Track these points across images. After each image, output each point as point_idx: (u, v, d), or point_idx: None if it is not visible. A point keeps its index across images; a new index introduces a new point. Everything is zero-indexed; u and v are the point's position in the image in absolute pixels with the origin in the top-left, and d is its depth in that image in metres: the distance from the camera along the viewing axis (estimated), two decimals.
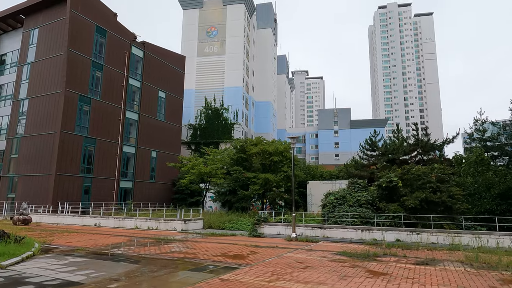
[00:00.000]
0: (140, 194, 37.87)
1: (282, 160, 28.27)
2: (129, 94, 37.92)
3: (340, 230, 16.36)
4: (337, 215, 17.74)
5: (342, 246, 13.85)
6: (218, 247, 13.06)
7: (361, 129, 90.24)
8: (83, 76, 32.89)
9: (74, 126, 31.62)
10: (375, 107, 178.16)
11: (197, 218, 21.76)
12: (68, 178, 30.64)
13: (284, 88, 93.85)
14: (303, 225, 17.39)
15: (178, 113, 45.53)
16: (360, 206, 17.98)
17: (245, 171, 29.47)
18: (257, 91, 68.23)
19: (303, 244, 14.54)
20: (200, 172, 30.55)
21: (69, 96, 31.23)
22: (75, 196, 30.97)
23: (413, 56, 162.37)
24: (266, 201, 31.16)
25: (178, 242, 14.52)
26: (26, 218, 22.98)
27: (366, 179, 21.09)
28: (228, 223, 21.88)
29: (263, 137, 30.69)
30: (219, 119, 55.79)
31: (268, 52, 71.65)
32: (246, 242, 14.61)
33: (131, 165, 37.85)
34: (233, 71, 57.62)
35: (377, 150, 33.51)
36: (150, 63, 41.06)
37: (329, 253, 11.80)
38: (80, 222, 24.30)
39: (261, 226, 18.11)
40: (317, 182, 32.16)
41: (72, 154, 31.24)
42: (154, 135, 40.58)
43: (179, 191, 39.46)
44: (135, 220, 21.93)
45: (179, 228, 20.16)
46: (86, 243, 13.77)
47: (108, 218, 23.27)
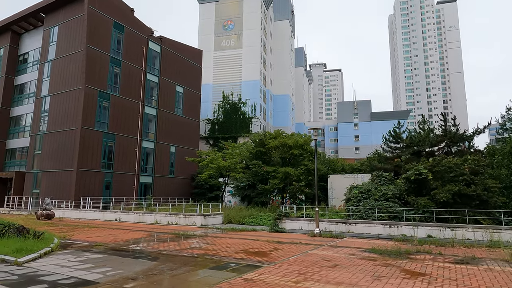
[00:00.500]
0: (159, 189, 37.98)
1: (302, 154, 27.51)
2: (147, 89, 37.91)
3: (366, 225, 15.56)
4: (362, 209, 16.91)
5: (369, 242, 13.08)
6: (239, 243, 12.57)
7: (382, 122, 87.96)
8: (102, 72, 33.02)
9: (94, 122, 31.84)
10: (396, 99, 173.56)
11: (217, 213, 21.40)
12: (89, 174, 30.95)
13: (302, 81, 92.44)
14: (327, 220, 16.67)
15: (196, 108, 45.34)
16: (386, 200, 17.08)
17: (264, 165, 28.90)
18: (274, 84, 67.33)
19: (328, 240, 13.86)
20: (219, 167, 30.19)
21: (88, 92, 31.43)
22: (97, 191, 31.27)
23: (436, 45, 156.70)
24: (286, 195, 30.52)
25: (198, 238, 14.13)
26: (49, 213, 23.26)
27: (392, 172, 20.10)
28: (248, 218, 21.40)
29: (282, 130, 29.99)
30: (237, 113, 55.34)
31: (285, 45, 70.47)
32: (267, 238, 14.06)
33: (151, 160, 37.96)
34: (250, 65, 56.92)
35: (401, 142, 32.21)
36: (167, 58, 40.91)
37: (357, 250, 11.08)
38: (101, 217, 24.42)
39: (282, 221, 17.52)
40: (339, 176, 31.22)
41: (93, 150, 31.50)
42: (172, 130, 40.54)
43: (198, 186, 39.34)
44: (154, 215, 21.79)
45: (198, 223, 19.84)
46: (105, 238, 13.58)
47: (128, 213, 23.25)
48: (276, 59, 68.48)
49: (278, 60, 68.72)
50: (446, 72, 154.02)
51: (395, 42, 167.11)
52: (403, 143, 31.96)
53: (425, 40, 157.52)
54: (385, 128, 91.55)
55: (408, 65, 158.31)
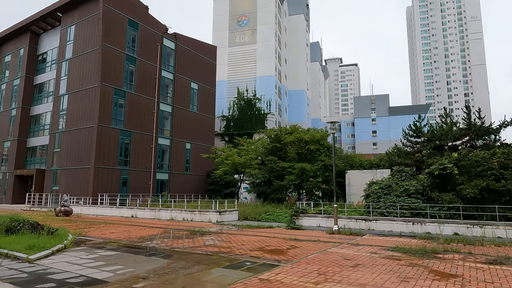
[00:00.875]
0: (175, 185, 38.05)
1: (319, 149, 26.85)
2: (162, 86, 37.96)
3: (387, 222, 14.87)
4: (383, 206, 16.21)
5: (392, 240, 12.44)
6: (255, 240, 12.17)
7: (400, 116, 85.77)
8: (118, 70, 33.19)
9: (110, 120, 32.07)
10: (414, 93, 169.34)
11: (232, 210, 21.09)
12: (107, 171, 31.22)
13: (317, 76, 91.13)
14: (345, 217, 16.07)
15: (211, 104, 45.19)
16: (408, 196, 16.32)
17: (280, 161, 28.39)
18: (290, 79, 66.51)
19: (347, 237, 13.29)
20: (234, 163, 29.89)
21: (104, 90, 31.65)
22: (114, 188, 31.53)
23: (457, 37, 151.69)
24: (303, 191, 29.95)
25: (213, 235, 13.82)
26: (67, 210, 23.51)
27: (413, 167, 19.26)
28: (264, 214, 21.00)
29: (298, 125, 29.39)
30: (252, 109, 54.92)
31: (301, 39, 69.45)
32: (284, 235, 13.61)
33: (167, 157, 38.05)
34: (265, 60, 56.33)
35: (422, 136, 31.07)
36: (182, 54, 40.84)
37: (379, 249, 10.49)
38: (117, 213, 24.53)
39: (299, 218, 17.03)
40: (356, 172, 30.40)
41: (110, 147, 31.76)
42: (187, 127, 40.51)
43: (214, 183, 39.21)
44: (170, 211, 21.67)
45: (214, 220, 19.58)
46: (120, 235, 13.44)
47: (144, 209, 23.24)
48: (291, 54, 67.58)
49: (293, 55, 67.81)
50: (467, 64, 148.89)
51: (414, 35, 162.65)
52: (424, 137, 30.81)
53: (445, 31, 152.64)
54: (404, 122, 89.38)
55: (427, 58, 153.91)
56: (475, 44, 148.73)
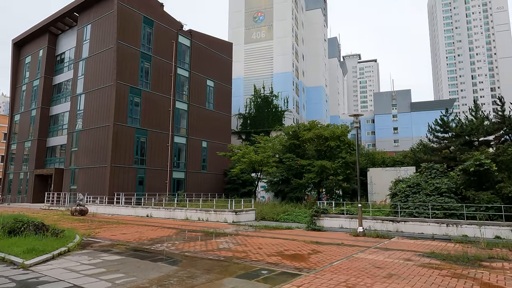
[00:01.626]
0: (192, 184, 37.52)
1: (339, 145, 25.57)
2: (178, 84, 37.47)
3: (417, 223, 13.58)
4: (412, 205, 14.90)
5: (424, 244, 11.20)
6: (273, 243, 11.21)
7: (423, 112, 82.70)
8: (133, 68, 32.88)
9: (126, 118, 31.79)
10: (436, 88, 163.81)
11: (249, 209, 20.19)
12: (123, 170, 30.96)
13: (336, 72, 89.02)
14: (371, 218, 14.86)
15: (227, 102, 44.43)
16: (440, 195, 14.94)
17: (298, 159, 27.28)
18: (307, 76, 65.02)
19: (374, 240, 12.13)
20: (251, 161, 28.99)
21: (120, 88, 31.39)
22: (130, 187, 31.25)
23: (482, 29, 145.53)
24: (322, 190, 28.74)
25: (228, 237, 12.94)
26: (83, 209, 23.24)
27: (444, 164, 17.77)
28: (282, 214, 19.99)
29: (317, 121, 28.17)
30: (269, 107, 53.86)
31: (318, 34, 67.77)
32: (304, 238, 12.58)
33: (183, 156, 37.58)
34: (282, 56, 55.12)
35: (450, 131, 29.23)
36: (197, 51, 40.25)
37: (412, 254, 9.32)
38: (133, 212, 24.09)
39: (320, 218, 15.93)
40: (379, 170, 28.93)
41: (126, 146, 31.48)
42: (204, 125, 39.91)
43: (231, 181, 38.45)
44: (185, 211, 20.99)
45: (230, 220, 18.73)
46: (131, 236, 12.77)
47: (159, 209, 22.68)
48: (309, 50, 66.05)
49: (310, 50, 66.25)
50: (493, 57, 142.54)
51: (436, 28, 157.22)
52: (452, 132, 28.99)
53: (469, 24, 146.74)
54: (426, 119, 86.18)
55: (450, 51, 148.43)
56: (501, 36, 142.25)
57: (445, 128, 29.28)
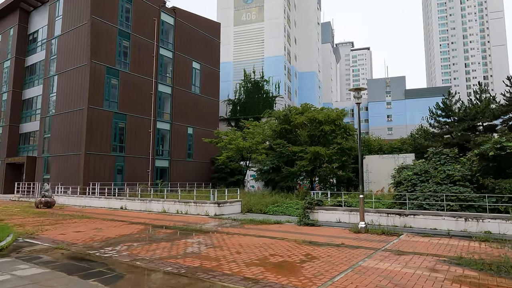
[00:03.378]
0: (177, 173, 35.13)
1: (334, 130, 23.37)
2: (160, 65, 34.67)
3: (430, 217, 11.50)
4: (421, 196, 12.80)
5: (443, 244, 9.11)
6: (257, 244, 9.00)
7: (417, 99, 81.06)
8: (110, 46, 30.00)
9: (102, 101, 29.07)
10: (430, 77, 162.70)
11: (234, 201, 17.96)
12: (99, 157, 28.39)
13: (329, 58, 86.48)
14: (373, 211, 12.73)
15: (214, 86, 41.75)
16: (453, 183, 12.87)
17: (290, 145, 25.03)
18: (300, 60, 62.43)
19: (379, 239, 10.01)
20: (238, 148, 26.67)
21: (95, 68, 28.57)
22: (108, 177, 28.76)
23: (476, 16, 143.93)
24: (316, 179, 26.65)
25: (204, 235, 10.69)
26: (49, 201, 20.76)
27: (456, 148, 15.69)
28: (271, 206, 17.82)
29: (311, 104, 25.88)
30: (259, 92, 51.32)
31: (311, 17, 64.94)
32: (296, 236, 10.40)
33: (166, 143, 35.06)
34: (273, 39, 52.38)
35: (452, 116, 27.29)
36: (182, 31, 37.33)
37: (436, 261, 7.18)
38: (106, 204, 21.70)
39: (314, 211, 13.76)
40: (376, 157, 26.86)
41: (102, 131, 28.85)
42: (189, 110, 37.30)
43: (218, 170, 36.17)
44: (162, 203, 18.67)
45: (212, 213, 16.49)
46: (83, 235, 10.43)
47: (134, 200, 20.30)
48: (301, 34, 63.30)
49: (303, 34, 63.51)
50: (487, 45, 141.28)
51: (430, 15, 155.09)
52: (455, 117, 27.05)
53: (463, 10, 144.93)
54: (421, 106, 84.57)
55: (444, 39, 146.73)
56: (495, 23, 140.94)
57: (448, 112, 27.31)
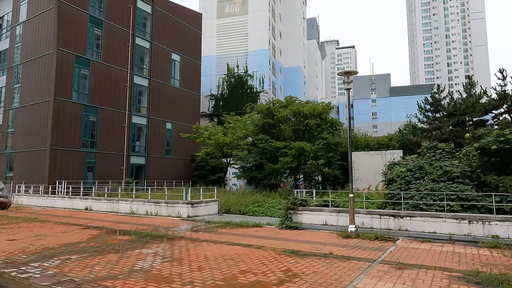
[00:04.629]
0: (154, 171, 33.08)
1: (320, 124, 21.92)
2: (136, 56, 32.47)
3: (428, 219, 10.09)
4: (417, 195, 11.41)
5: (447, 252, 7.68)
6: (226, 255, 7.35)
7: (402, 97, 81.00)
8: (79, 34, 27.68)
9: (71, 93, 26.77)
10: (413, 75, 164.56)
11: (210, 200, 16.24)
12: (67, 153, 26.11)
13: (314, 54, 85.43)
14: (364, 212, 11.26)
15: (196, 80, 39.76)
16: (451, 180, 11.55)
17: (273, 140, 23.46)
18: (285, 55, 60.96)
19: (373, 245, 8.52)
20: (218, 143, 24.91)
21: (62, 57, 26.25)
22: (77, 174, 26.52)
23: (458, 16, 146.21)
24: (300, 177, 25.21)
25: (165, 243, 8.96)
26: (3, 201, 18.55)
27: (451, 142, 14.43)
28: (252, 206, 16.22)
29: (296, 97, 24.33)
30: (243, 87, 49.59)
31: (297, 11, 63.54)
32: (276, 243, 8.79)
33: (143, 138, 32.95)
34: (258, 32, 50.65)
35: (441, 111, 26.28)
36: (160, 20, 35.17)
37: (447, 277, 5.70)
38: (70, 205, 19.62)
39: (297, 212, 12.21)
40: (362, 154, 25.58)
41: (71, 126, 26.57)
42: (168, 104, 35.24)
43: (199, 167, 34.32)
44: (130, 203, 16.76)
45: (184, 214, 14.74)
46: (14, 245, 8.54)
47: (101, 200, 18.31)
48: (287, 28, 61.81)
49: (288, 28, 62.04)
50: (468, 45, 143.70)
51: (414, 15, 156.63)
52: (444, 112, 26.05)
53: (446, 10, 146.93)
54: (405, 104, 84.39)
55: (427, 38, 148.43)
56: (477, 24, 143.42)
57: (437, 107, 26.28)
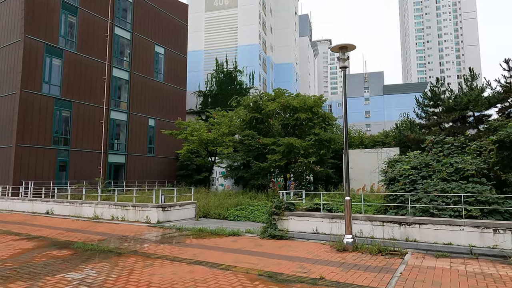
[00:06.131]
0: (135, 170, 30.87)
1: (311, 119, 20.02)
2: (116, 47, 30.23)
3: (442, 227, 8.22)
4: (425, 197, 9.54)
5: (477, 273, 5.82)
6: (180, 282, 5.37)
7: (395, 95, 79.90)
8: (51, 21, 25.36)
9: (40, 85, 24.46)
10: (406, 75, 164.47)
11: (186, 203, 14.21)
12: (35, 151, 23.80)
13: (307, 52, 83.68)
14: (363, 218, 9.32)
15: (181, 74, 37.58)
16: (465, 179, 9.72)
17: (260, 136, 21.50)
18: (276, 51, 59.07)
19: (376, 263, 6.63)
20: (201, 140, 22.85)
21: (31, 45, 23.92)
22: (47, 174, 24.23)
23: (450, 16, 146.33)
24: (290, 176, 23.31)
25: (106, 261, 6.93)
26: None
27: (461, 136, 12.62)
28: (233, 209, 14.24)
29: (286, 89, 22.39)
30: (232, 83, 47.53)
31: (289, 6, 61.71)
32: (252, 260, 6.82)
33: (123, 135, 30.71)
34: (248, 26, 48.64)
35: (441, 105, 24.60)
36: (142, 9, 32.94)
37: None
38: (30, 208, 17.40)
39: (283, 218, 10.25)
40: (356, 151, 23.80)
41: (40, 121, 24.26)
42: (151, 100, 33.04)
43: (184, 167, 32.22)
44: (94, 206, 14.62)
45: (154, 219, 12.69)
46: None
47: (63, 203, 16.13)
48: (278, 23, 59.93)
49: (280, 23, 60.16)
50: (460, 45, 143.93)
51: (406, 14, 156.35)
52: (444, 106, 24.36)
53: (438, 10, 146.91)
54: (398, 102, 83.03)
55: (420, 37, 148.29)
56: (468, 24, 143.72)
57: (436, 101, 24.58)
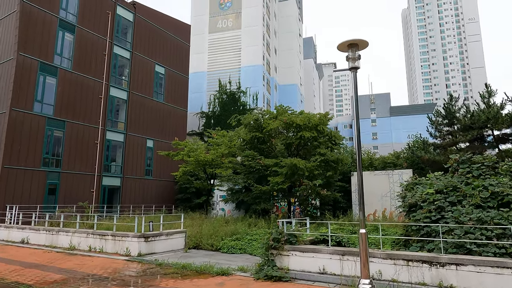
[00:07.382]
0: (131, 194, 29.25)
1: (316, 138, 18.41)
2: (114, 66, 29.43)
3: (487, 269, 6.35)
4: (458, 228, 7.71)
5: None
6: None
7: (403, 117, 78.22)
8: (46, 39, 24.65)
9: (32, 103, 23.39)
10: (412, 97, 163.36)
11: (174, 232, 12.44)
12: (22, 173, 22.40)
13: (311, 73, 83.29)
14: (382, 255, 7.46)
15: (182, 94, 36.62)
16: (505, 206, 7.91)
17: (261, 157, 19.86)
18: (280, 72, 58.43)
19: None
20: (198, 161, 21.26)
21: (24, 63, 23.06)
22: (34, 198, 22.71)
23: (455, 39, 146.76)
24: (295, 200, 21.45)
25: None
26: None
27: (491, 155, 10.85)
28: (228, 239, 12.41)
29: (288, 106, 20.96)
30: (235, 104, 46.54)
31: (293, 28, 61.64)
32: None
33: (119, 157, 29.32)
34: (251, 47, 48.19)
35: (456, 124, 22.88)
36: (143, 29, 32.40)
37: None
38: (5, 236, 15.74)
39: (283, 253, 8.43)
40: (366, 174, 21.96)
41: (30, 141, 23.02)
42: (150, 120, 31.86)
43: (182, 190, 30.56)
44: (71, 235, 12.91)
45: (134, 251, 10.92)
46: None
47: (39, 231, 14.45)
48: (282, 44, 59.66)
49: (284, 45, 59.88)
50: (466, 67, 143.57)
51: (410, 37, 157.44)
52: (459, 124, 22.63)
53: (443, 33, 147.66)
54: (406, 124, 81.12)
55: (425, 60, 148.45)
56: (473, 46, 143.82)
57: (451, 120, 22.89)
